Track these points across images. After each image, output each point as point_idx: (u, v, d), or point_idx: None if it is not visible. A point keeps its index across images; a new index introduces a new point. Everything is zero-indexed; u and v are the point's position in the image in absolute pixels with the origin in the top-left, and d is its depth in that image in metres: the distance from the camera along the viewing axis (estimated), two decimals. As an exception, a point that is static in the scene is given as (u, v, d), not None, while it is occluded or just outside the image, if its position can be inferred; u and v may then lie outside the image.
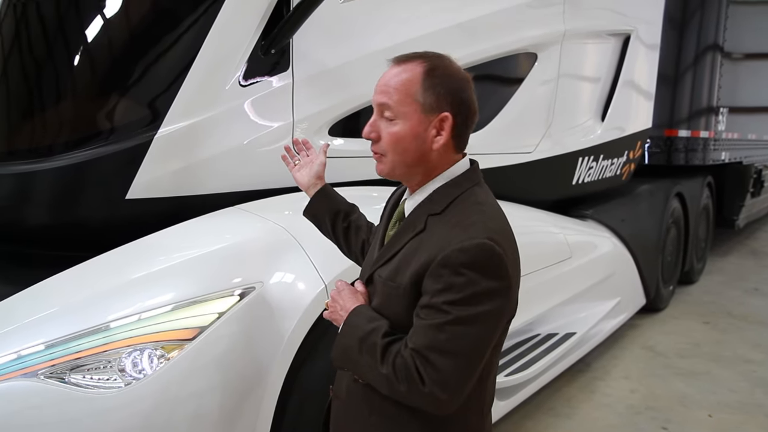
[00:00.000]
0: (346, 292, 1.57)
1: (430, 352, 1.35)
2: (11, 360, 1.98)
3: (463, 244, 1.36)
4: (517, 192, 3.84)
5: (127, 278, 2.24)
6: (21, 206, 2.58)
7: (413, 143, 1.45)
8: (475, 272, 1.35)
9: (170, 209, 2.52)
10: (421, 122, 1.45)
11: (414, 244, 1.47)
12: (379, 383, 1.43)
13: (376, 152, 1.49)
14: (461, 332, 1.35)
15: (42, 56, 2.76)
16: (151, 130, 2.47)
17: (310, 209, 1.99)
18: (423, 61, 1.46)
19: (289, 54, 2.69)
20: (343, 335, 1.50)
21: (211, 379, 2.07)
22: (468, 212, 1.44)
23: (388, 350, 1.40)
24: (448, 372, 1.35)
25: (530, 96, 3.84)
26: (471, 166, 1.54)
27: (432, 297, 1.37)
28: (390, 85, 1.45)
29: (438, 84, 1.45)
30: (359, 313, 1.51)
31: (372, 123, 1.48)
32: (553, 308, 4.02)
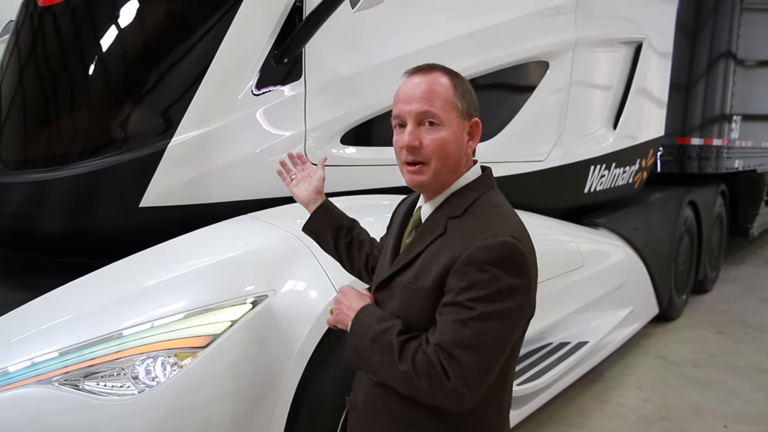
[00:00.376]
0: (352, 293, 1.59)
1: (455, 347, 1.37)
2: (26, 367, 1.99)
3: (488, 242, 1.40)
4: (528, 200, 3.83)
5: (140, 286, 2.25)
6: (36, 214, 2.60)
7: (455, 148, 1.50)
8: (499, 269, 1.38)
9: (183, 217, 2.54)
10: (461, 127, 1.51)
11: (434, 247, 1.49)
12: (396, 381, 1.44)
13: (417, 162, 1.51)
14: (485, 328, 1.37)
15: (57, 65, 2.79)
16: (164, 139, 2.48)
17: (311, 225, 1.99)
18: (444, 71, 1.52)
19: (302, 63, 2.70)
20: (353, 334, 1.52)
21: (224, 386, 2.07)
22: (487, 214, 1.49)
23: (405, 348, 1.42)
24: (472, 367, 1.37)
25: (542, 104, 3.84)
26: (484, 172, 1.58)
27: (456, 295, 1.40)
28: (430, 93, 1.48)
29: (466, 91, 1.52)
30: (368, 312, 1.53)
31: (412, 132, 1.49)
32: (566, 317, 4.00)
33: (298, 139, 2.71)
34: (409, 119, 1.49)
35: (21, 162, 2.70)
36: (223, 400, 2.07)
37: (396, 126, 1.54)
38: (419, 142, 1.49)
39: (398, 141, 1.53)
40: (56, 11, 2.76)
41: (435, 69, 1.52)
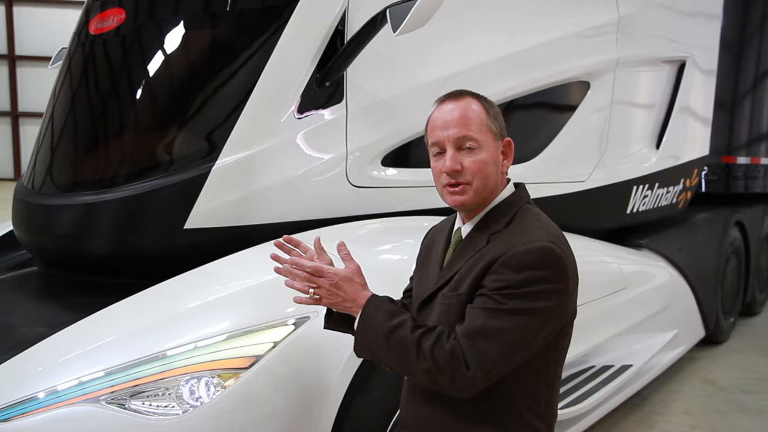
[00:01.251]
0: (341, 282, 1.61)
1: (478, 336, 1.41)
2: (73, 386, 2.03)
3: (527, 246, 1.45)
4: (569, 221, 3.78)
5: (184, 307, 2.29)
6: (84, 235, 2.66)
7: (493, 168, 1.57)
8: (535, 271, 1.43)
9: (226, 239, 2.58)
10: (496, 148, 1.58)
11: (476, 257, 1.53)
12: (415, 375, 1.49)
13: (461, 183, 1.56)
14: (512, 322, 1.41)
15: (106, 91, 2.89)
16: (209, 162, 2.54)
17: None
18: (472, 96, 1.60)
19: (343, 86, 2.74)
20: (363, 330, 1.56)
21: (266, 407, 2.08)
22: (527, 223, 1.55)
23: (422, 344, 1.45)
24: (491, 358, 1.41)
25: (583, 125, 3.81)
26: (518, 188, 1.65)
27: (489, 291, 1.44)
28: (465, 118, 1.55)
29: (497, 113, 1.60)
30: (377, 307, 1.57)
31: (453, 156, 1.55)
32: (609, 340, 3.93)
33: (339, 161, 2.74)
34: (449, 144, 1.55)
35: (71, 184, 2.78)
36: (266, 421, 2.08)
37: (433, 152, 1.60)
38: (460, 166, 1.54)
39: (438, 166, 1.58)
40: (106, 39, 2.86)
41: (465, 95, 1.60)
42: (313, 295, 1.63)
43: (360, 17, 2.66)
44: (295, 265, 1.65)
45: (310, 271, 1.62)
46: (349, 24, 2.71)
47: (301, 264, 1.63)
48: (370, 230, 2.81)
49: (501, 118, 1.61)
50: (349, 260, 1.69)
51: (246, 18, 2.75)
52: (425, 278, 1.70)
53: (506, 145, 1.61)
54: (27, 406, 2.01)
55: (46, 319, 2.51)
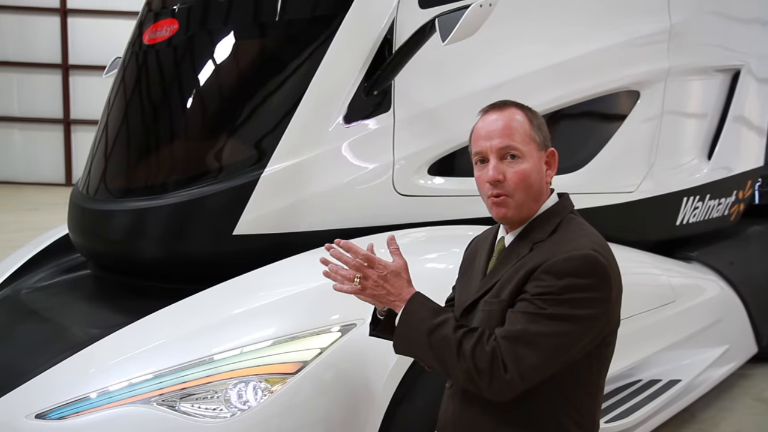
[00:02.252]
0: (397, 279, 1.61)
1: (518, 340, 1.42)
2: (123, 387, 2.09)
3: (570, 254, 1.45)
4: (617, 232, 3.73)
5: (230, 313, 2.34)
6: (136, 240, 2.73)
7: (537, 178, 1.57)
8: (578, 279, 1.43)
9: (273, 246, 2.61)
10: (540, 158, 1.58)
11: (517, 266, 1.54)
12: (454, 374, 1.49)
13: (502, 194, 1.56)
14: (552, 327, 1.41)
15: (159, 100, 2.96)
16: (258, 169, 2.58)
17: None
18: (516, 107, 1.61)
19: (391, 95, 2.76)
20: (404, 325, 1.56)
21: (313, 413, 2.11)
22: (571, 231, 1.55)
23: (464, 343, 1.46)
24: (530, 363, 1.41)
25: (632, 135, 3.75)
26: (562, 197, 1.65)
27: (531, 296, 1.45)
28: (508, 128, 1.56)
29: (541, 124, 1.61)
30: (420, 303, 1.57)
31: (496, 166, 1.56)
32: (656, 353, 3.86)
33: (386, 169, 2.76)
34: (492, 154, 1.57)
35: (124, 190, 2.85)
36: (312, 427, 2.11)
37: (477, 162, 1.62)
38: (503, 176, 1.55)
39: (482, 176, 1.59)
40: (159, 49, 2.93)
41: (509, 105, 1.61)
42: (357, 284, 1.62)
43: (408, 26, 2.67)
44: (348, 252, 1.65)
45: (362, 259, 1.62)
46: (397, 33, 2.73)
47: (354, 250, 1.64)
48: (414, 239, 2.81)
49: (545, 128, 1.62)
50: (398, 255, 1.70)
51: (295, 28, 2.79)
52: (468, 287, 1.71)
53: (550, 155, 1.61)
54: (80, 406, 2.08)
55: (99, 322, 2.58)
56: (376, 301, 1.63)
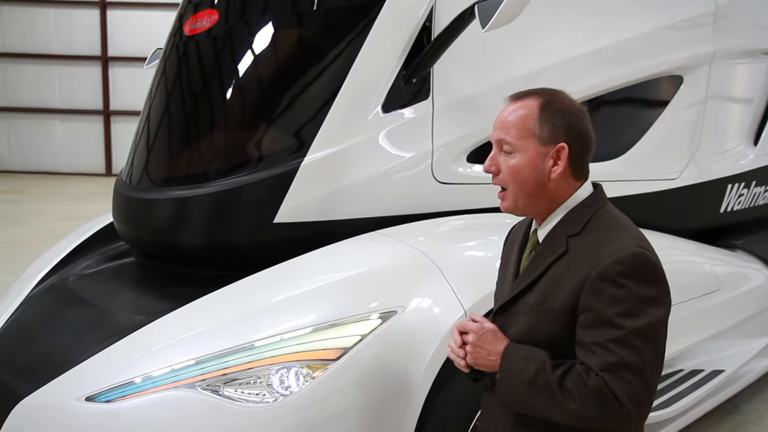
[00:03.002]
0: (487, 336, 1.56)
1: (618, 369, 1.37)
2: (166, 373, 2.13)
3: (617, 255, 1.41)
4: (659, 220, 3.67)
5: (270, 301, 2.36)
6: (179, 228, 2.77)
7: (531, 174, 1.53)
8: (634, 281, 1.39)
9: (312, 234, 2.63)
10: (539, 154, 1.52)
11: (559, 267, 1.50)
12: (563, 418, 1.44)
13: (498, 185, 1.58)
14: (641, 346, 1.37)
15: (200, 90, 2.99)
16: (298, 158, 2.59)
17: None
18: (539, 96, 1.56)
19: (430, 82, 2.75)
20: (504, 382, 1.51)
21: (353, 399, 2.12)
22: (608, 228, 1.51)
23: (564, 384, 1.41)
24: (641, 387, 1.37)
25: (674, 120, 3.68)
26: (595, 189, 1.60)
27: (599, 313, 1.40)
28: (508, 121, 1.55)
29: (553, 116, 1.53)
30: (512, 355, 1.51)
31: (492, 158, 1.58)
32: (699, 343, 3.79)
33: (425, 157, 2.75)
34: (494, 145, 1.58)
35: (167, 180, 2.90)
36: (352, 413, 2.12)
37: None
38: (495, 168, 1.57)
39: None
40: (199, 39, 2.96)
41: (529, 96, 1.57)
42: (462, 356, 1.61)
43: (447, 13, 2.65)
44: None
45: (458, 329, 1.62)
46: (436, 20, 2.72)
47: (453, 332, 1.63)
48: (452, 227, 2.81)
49: (563, 121, 1.53)
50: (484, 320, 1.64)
51: (334, 16, 2.79)
52: (503, 281, 1.70)
53: (558, 150, 1.53)
54: (125, 390, 2.12)
55: (143, 308, 2.64)
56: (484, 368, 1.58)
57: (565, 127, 1.53)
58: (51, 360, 2.36)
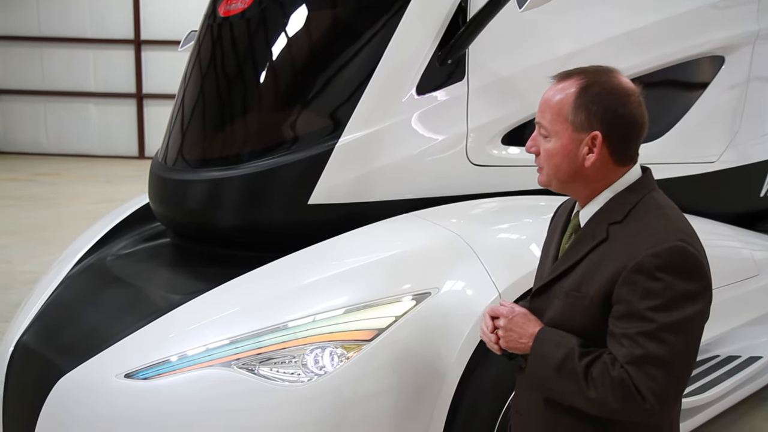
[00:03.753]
0: (518, 319, 1.56)
1: (645, 364, 1.34)
2: (201, 352, 2.16)
3: (656, 248, 1.37)
4: (697, 204, 3.60)
5: (303, 282, 2.38)
6: (214, 209, 2.79)
7: (564, 160, 1.50)
8: (672, 275, 1.35)
9: (346, 215, 2.64)
10: (572, 140, 1.48)
11: (597, 254, 1.47)
12: (587, 406, 1.43)
13: (537, 164, 1.57)
14: (670, 341, 1.34)
15: (234, 72, 3.00)
16: (332, 139, 2.60)
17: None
18: (580, 79, 1.50)
19: (465, 63, 2.72)
20: (535, 366, 1.51)
21: (387, 380, 2.13)
22: (652, 217, 1.46)
23: (590, 372, 1.40)
24: (665, 383, 1.34)
25: (714, 102, 3.60)
26: (643, 174, 1.55)
27: (631, 305, 1.37)
28: (545, 104, 1.52)
29: (590, 102, 1.47)
30: (543, 340, 1.50)
31: (533, 138, 1.57)
32: (736, 329, 3.73)
33: (460, 139, 2.73)
34: (536, 126, 1.56)
35: (202, 161, 2.92)
36: (386, 394, 2.13)
37: None
38: (535, 149, 1.56)
39: None
40: (234, 21, 2.96)
41: (572, 76, 1.52)
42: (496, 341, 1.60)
43: (483, -6, 2.62)
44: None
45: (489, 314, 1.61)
46: (471, 1, 2.68)
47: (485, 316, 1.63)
48: (487, 209, 2.80)
49: (600, 107, 1.46)
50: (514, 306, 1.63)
51: (369, -3, 2.78)
52: (544, 261, 1.68)
53: (592, 138, 1.47)
54: (161, 368, 2.16)
55: (178, 288, 2.67)
56: (516, 351, 1.57)
57: (603, 113, 1.46)
58: (90, 338, 2.40)
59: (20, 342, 2.59)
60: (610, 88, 1.48)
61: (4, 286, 6.06)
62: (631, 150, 1.52)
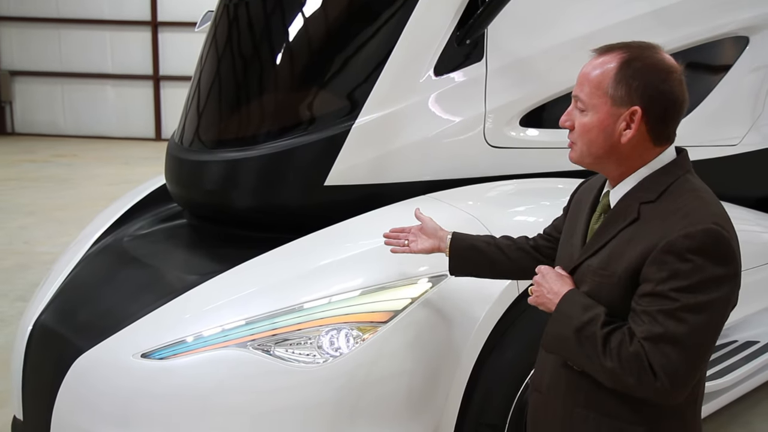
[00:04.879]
0: (552, 275, 1.55)
1: (661, 342, 1.33)
2: (216, 333, 2.17)
3: (688, 230, 1.35)
4: (717, 187, 3.48)
5: (318, 263, 2.38)
6: (230, 190, 2.79)
7: (600, 135, 1.47)
8: (703, 258, 1.33)
9: (362, 196, 2.63)
10: (611, 115, 1.45)
11: (627, 233, 1.45)
12: (600, 375, 1.42)
13: (571, 140, 1.54)
14: (692, 321, 1.32)
15: (250, 53, 2.99)
16: (349, 120, 2.58)
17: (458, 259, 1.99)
18: (622, 53, 1.46)
19: (484, 44, 2.69)
20: (555, 323, 1.49)
21: (403, 362, 2.13)
22: (686, 199, 1.42)
23: (609, 341, 1.39)
24: (680, 364, 1.33)
25: (738, 84, 3.53)
26: (679, 155, 1.51)
27: (657, 285, 1.36)
28: (584, 77, 1.49)
29: (631, 77, 1.44)
30: (572, 300, 1.48)
31: (568, 112, 1.53)
32: (755, 314, 3.70)
33: (478, 120, 2.71)
34: (573, 99, 1.53)
35: (218, 142, 2.92)
36: (401, 375, 2.13)
37: None
38: (570, 123, 1.52)
39: None
40: (249, 1, 2.94)
41: (615, 50, 1.48)
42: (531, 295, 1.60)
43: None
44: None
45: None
46: (491, -20, 2.64)
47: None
48: (502, 191, 2.78)
49: (642, 82, 1.43)
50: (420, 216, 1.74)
51: (387, -23, 2.74)
52: (570, 240, 1.64)
53: (631, 113, 1.43)
54: (177, 348, 2.17)
55: (194, 269, 2.68)
56: (544, 307, 1.55)
57: (644, 89, 1.43)
58: (108, 317, 2.42)
59: (39, 321, 2.62)
60: (652, 63, 1.45)
61: (22, 266, 6.13)
62: (669, 129, 1.49)
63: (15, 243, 6.93)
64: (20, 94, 16.24)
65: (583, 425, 1.51)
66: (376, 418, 2.11)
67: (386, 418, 2.12)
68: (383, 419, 2.11)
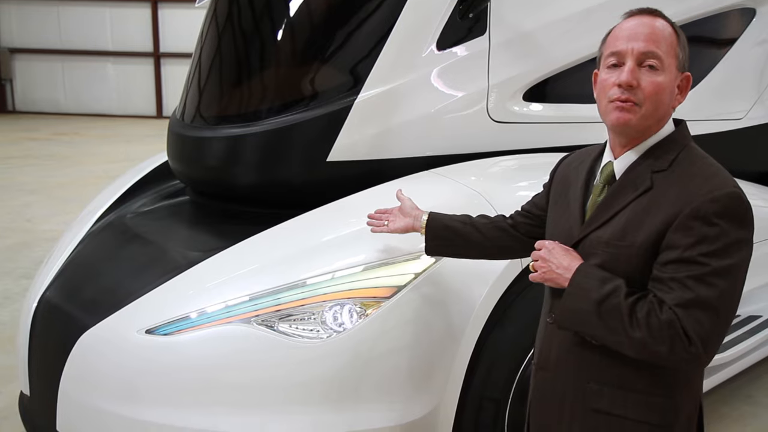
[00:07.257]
0: (558, 250, 1.52)
1: (694, 308, 1.33)
2: (220, 309, 2.18)
3: (714, 194, 1.35)
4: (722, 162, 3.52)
5: (321, 239, 2.37)
6: (232, 166, 2.79)
7: (668, 98, 1.46)
8: (728, 222, 1.34)
9: (365, 172, 2.62)
10: (676, 78, 1.46)
11: (642, 202, 1.44)
12: (624, 346, 1.40)
13: (631, 100, 1.44)
14: (722, 286, 1.33)
15: (251, 29, 2.96)
16: (351, 96, 2.56)
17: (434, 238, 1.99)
18: (666, 19, 1.48)
19: (487, 17, 2.66)
20: (571, 298, 1.46)
21: (405, 337, 2.13)
22: (700, 165, 1.43)
23: (635, 311, 1.38)
24: (713, 327, 1.34)
25: (743, 57, 3.50)
26: (680, 125, 1.52)
27: (684, 251, 1.35)
28: (658, 34, 1.44)
29: (685, 44, 1.48)
30: (587, 273, 1.46)
31: (633, 70, 1.43)
32: (757, 289, 3.69)
33: (481, 95, 2.69)
34: (630, 57, 1.44)
35: (219, 118, 2.90)
36: (404, 351, 2.14)
37: (609, 65, 1.48)
38: (637, 82, 1.43)
39: (609, 79, 1.46)
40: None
41: (659, 15, 1.48)
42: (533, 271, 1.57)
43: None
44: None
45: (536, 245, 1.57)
46: (493, -47, 2.61)
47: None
48: (506, 167, 2.76)
49: (687, 51, 1.47)
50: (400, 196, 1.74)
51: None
52: (564, 216, 1.61)
53: (685, 79, 1.48)
54: (181, 324, 2.17)
55: (197, 245, 2.68)
56: (553, 283, 1.52)
57: (688, 59, 1.48)
58: (112, 294, 2.43)
59: (43, 298, 2.63)
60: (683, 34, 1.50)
61: (26, 244, 6.15)
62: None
63: (18, 221, 6.95)
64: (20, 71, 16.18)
65: (596, 399, 1.51)
66: (380, 393, 2.12)
67: (390, 392, 2.12)
68: (387, 394, 2.12)
